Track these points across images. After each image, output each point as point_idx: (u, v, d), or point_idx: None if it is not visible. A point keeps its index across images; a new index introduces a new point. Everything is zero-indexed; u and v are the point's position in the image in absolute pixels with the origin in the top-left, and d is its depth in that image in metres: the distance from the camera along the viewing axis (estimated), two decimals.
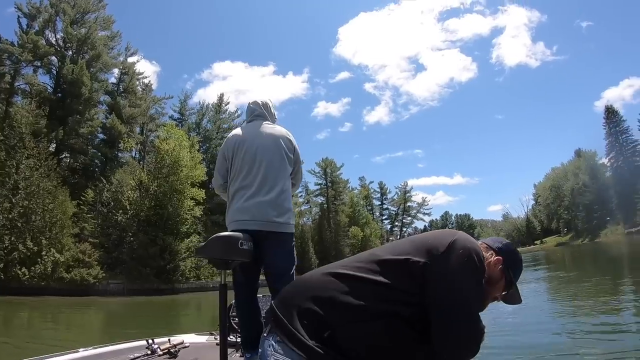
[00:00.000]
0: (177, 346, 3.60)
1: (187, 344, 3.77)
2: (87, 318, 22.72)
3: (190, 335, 4.22)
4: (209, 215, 54.37)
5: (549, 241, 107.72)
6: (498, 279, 1.89)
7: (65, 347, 3.43)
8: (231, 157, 3.56)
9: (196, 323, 18.76)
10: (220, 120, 68.93)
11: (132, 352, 3.45)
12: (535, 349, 7.67)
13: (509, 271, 1.91)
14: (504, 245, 1.97)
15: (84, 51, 52.63)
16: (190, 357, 3.52)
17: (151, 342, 3.55)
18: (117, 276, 39.47)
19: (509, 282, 1.93)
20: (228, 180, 3.63)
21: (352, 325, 1.61)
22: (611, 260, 30.37)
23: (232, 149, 3.57)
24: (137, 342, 3.74)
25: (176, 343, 3.65)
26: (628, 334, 7.85)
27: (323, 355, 1.57)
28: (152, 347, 3.48)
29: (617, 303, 11.74)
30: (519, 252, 2.02)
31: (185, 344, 3.74)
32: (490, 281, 1.85)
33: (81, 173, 50.86)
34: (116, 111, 54.38)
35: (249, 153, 3.47)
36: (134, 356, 3.33)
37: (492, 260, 1.88)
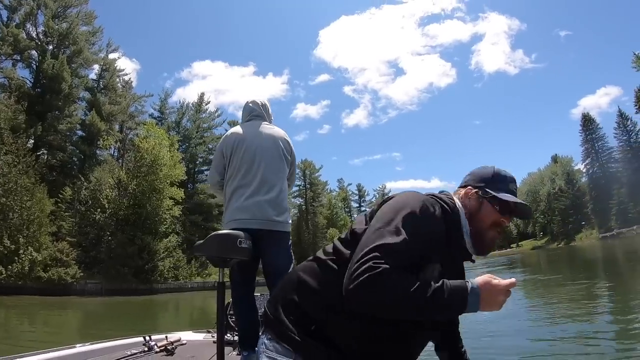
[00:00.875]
0: (174, 343, 3.61)
1: (184, 341, 3.78)
2: (64, 318, 22.36)
3: (187, 333, 4.22)
4: (188, 215, 54.15)
5: (525, 244, 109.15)
6: (477, 208, 1.78)
7: (41, 348, 3.45)
8: (230, 155, 3.58)
9: (174, 324, 18.67)
10: (200, 120, 68.30)
11: (128, 348, 3.47)
12: (510, 354, 7.87)
13: (487, 191, 1.78)
14: (469, 175, 1.90)
15: (65, 46, 51.90)
16: (187, 354, 3.51)
17: (148, 339, 3.56)
18: (95, 276, 38.97)
19: (494, 202, 1.77)
20: (225, 178, 3.64)
21: (335, 315, 1.57)
22: (586, 263, 30.88)
23: (230, 147, 3.58)
24: (134, 338, 3.74)
25: (173, 340, 3.66)
26: (602, 340, 8.02)
27: (312, 349, 1.58)
28: (149, 344, 3.49)
29: (591, 307, 11.92)
30: (490, 168, 1.88)
31: (182, 342, 3.75)
32: (474, 217, 1.77)
33: (59, 170, 49.91)
34: (96, 108, 53.53)
35: (249, 152, 3.50)
36: (130, 353, 3.34)
37: (461, 196, 1.83)
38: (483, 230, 1.77)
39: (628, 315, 9.74)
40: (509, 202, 1.75)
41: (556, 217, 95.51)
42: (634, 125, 78.28)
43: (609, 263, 28.20)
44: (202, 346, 3.78)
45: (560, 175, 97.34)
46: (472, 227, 1.78)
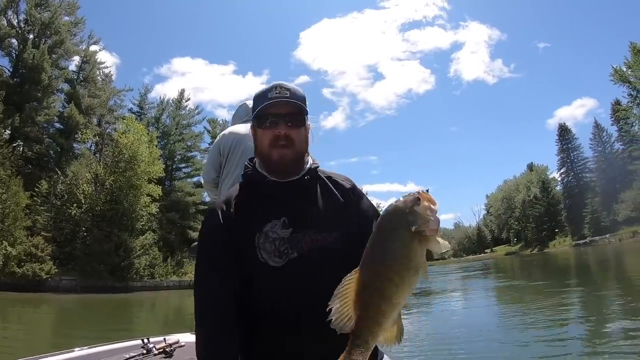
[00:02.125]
0: (172, 345, 3.58)
1: (182, 343, 3.72)
2: (38, 316, 22.10)
3: (185, 335, 4.11)
4: (164, 212, 53.62)
5: (499, 250, 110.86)
6: (255, 141, 1.87)
7: (14, 347, 3.44)
8: (227, 154, 3.58)
9: (150, 325, 18.51)
10: (179, 117, 67.21)
11: (127, 351, 3.47)
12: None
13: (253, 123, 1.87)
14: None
15: (46, 36, 50.73)
16: (186, 356, 3.45)
17: (146, 341, 3.54)
18: (70, 272, 38.42)
19: (254, 125, 1.85)
20: (221, 176, 3.63)
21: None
22: (558, 270, 31.53)
23: (228, 146, 3.58)
24: (132, 341, 3.75)
25: (172, 342, 3.62)
26: (571, 345, 8.23)
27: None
28: (147, 346, 3.47)
29: (561, 312, 12.25)
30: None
31: (181, 344, 3.70)
32: (257, 150, 1.85)
33: (35, 163, 48.93)
34: (75, 100, 52.53)
35: (247, 152, 3.40)
36: (129, 355, 3.33)
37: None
38: (264, 152, 1.78)
39: (598, 322, 10.05)
40: (254, 111, 1.81)
41: (530, 224, 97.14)
42: (610, 136, 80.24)
43: (582, 270, 28.81)
44: None
45: (535, 183, 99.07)
46: (260, 158, 1.83)
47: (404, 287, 1.23)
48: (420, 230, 1.21)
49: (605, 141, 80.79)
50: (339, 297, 1.22)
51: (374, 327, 1.24)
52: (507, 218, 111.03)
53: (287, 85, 1.82)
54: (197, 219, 61.06)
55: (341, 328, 1.21)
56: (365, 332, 1.24)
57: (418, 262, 1.23)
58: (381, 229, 1.27)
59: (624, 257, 33.98)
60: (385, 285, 1.21)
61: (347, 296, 1.22)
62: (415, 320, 13.22)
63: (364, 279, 1.23)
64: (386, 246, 1.24)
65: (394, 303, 1.23)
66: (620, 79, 64.68)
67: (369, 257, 1.25)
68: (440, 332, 10.69)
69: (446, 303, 18.42)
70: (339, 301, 1.22)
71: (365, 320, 1.23)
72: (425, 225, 1.21)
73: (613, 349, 7.42)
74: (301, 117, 1.81)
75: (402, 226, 1.22)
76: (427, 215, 1.21)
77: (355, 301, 1.23)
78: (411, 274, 1.22)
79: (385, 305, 1.22)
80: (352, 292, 1.23)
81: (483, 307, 15.84)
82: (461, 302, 18.37)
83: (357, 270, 1.25)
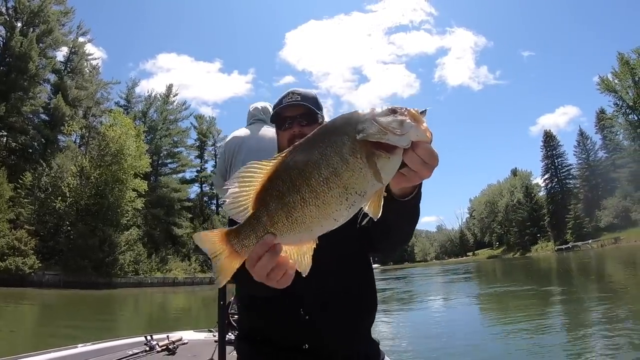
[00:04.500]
0: (175, 343, 3.64)
1: (185, 340, 3.81)
2: (20, 311, 21.78)
3: (188, 332, 4.25)
4: (149, 208, 53.13)
5: (482, 253, 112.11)
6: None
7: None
8: (231, 158, 3.61)
9: (136, 322, 18.31)
10: (167, 112, 66.74)
11: (130, 348, 3.48)
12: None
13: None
14: None
15: (34, 24, 49.93)
16: (189, 354, 3.55)
17: (150, 338, 3.57)
18: (53, 267, 37.84)
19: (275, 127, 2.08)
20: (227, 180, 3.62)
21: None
22: (540, 274, 31.86)
23: (232, 151, 3.62)
24: (136, 338, 3.76)
25: (174, 340, 3.68)
26: (550, 352, 8.29)
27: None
28: (150, 343, 3.51)
29: (543, 316, 12.43)
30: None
31: (183, 341, 3.78)
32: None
33: (19, 154, 48.25)
34: (62, 91, 51.77)
35: (249, 154, 3.50)
36: (132, 352, 3.36)
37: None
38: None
39: (578, 330, 10.11)
40: (272, 117, 2.02)
41: (513, 228, 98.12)
42: (594, 144, 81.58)
43: (564, 275, 29.12)
44: (204, 345, 3.83)
45: (519, 188, 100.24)
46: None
47: (314, 209, 0.95)
48: (368, 141, 0.93)
49: (589, 149, 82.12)
50: (240, 180, 0.99)
51: (257, 233, 0.99)
52: (490, 222, 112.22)
53: (299, 90, 2.01)
54: (182, 215, 60.77)
55: (233, 216, 1.00)
56: (249, 234, 0.99)
57: (352, 185, 0.94)
58: (320, 130, 1.02)
59: (606, 263, 34.45)
60: (292, 197, 0.96)
61: (250, 185, 0.99)
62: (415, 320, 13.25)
63: (275, 175, 0.99)
64: (313, 150, 0.97)
65: (295, 223, 0.96)
66: (607, 88, 65.69)
67: (293, 152, 1.00)
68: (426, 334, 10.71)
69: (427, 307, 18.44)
70: (239, 186, 0.99)
71: (255, 220, 0.99)
72: (381, 136, 0.92)
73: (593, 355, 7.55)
74: (313, 116, 1.97)
75: (344, 132, 0.95)
76: (394, 128, 0.93)
77: (256, 194, 0.99)
78: (333, 196, 0.94)
79: (283, 220, 0.97)
80: (258, 182, 0.99)
81: (467, 311, 15.89)
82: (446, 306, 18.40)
83: (278, 158, 1.00)
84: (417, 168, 0.98)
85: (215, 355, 2.70)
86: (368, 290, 1.89)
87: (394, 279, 34.12)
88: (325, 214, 0.95)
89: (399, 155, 0.95)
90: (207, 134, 72.84)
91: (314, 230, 0.98)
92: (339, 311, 1.74)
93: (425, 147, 0.96)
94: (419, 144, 0.95)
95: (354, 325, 1.80)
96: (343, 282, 1.74)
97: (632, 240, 58.41)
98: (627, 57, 64.39)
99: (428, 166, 0.98)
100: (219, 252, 1.02)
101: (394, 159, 0.94)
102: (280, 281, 1.04)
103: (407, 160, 0.97)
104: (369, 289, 1.89)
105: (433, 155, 0.97)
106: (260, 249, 0.99)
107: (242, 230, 1.00)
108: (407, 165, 0.98)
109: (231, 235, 1.01)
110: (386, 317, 13.68)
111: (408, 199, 1.32)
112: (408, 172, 1.01)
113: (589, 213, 76.61)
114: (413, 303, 19.71)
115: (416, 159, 0.96)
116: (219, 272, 1.04)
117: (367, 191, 0.95)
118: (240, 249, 1.01)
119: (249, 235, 0.99)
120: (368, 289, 1.89)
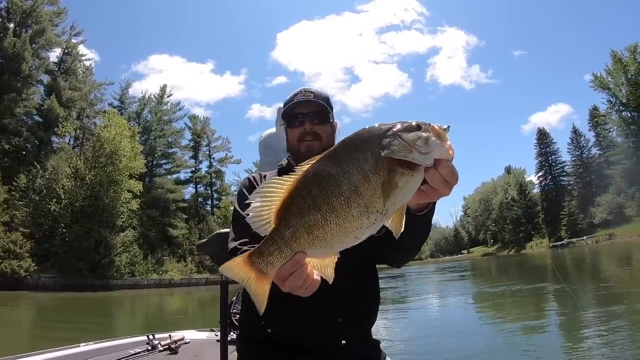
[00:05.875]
0: (177, 342, 3.62)
1: (187, 340, 3.80)
2: (15, 314, 21.67)
3: (190, 332, 4.23)
4: (145, 209, 52.95)
5: (476, 251, 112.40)
6: (287, 139, 2.05)
7: None
8: (263, 156, 3.61)
9: (130, 326, 18.21)
10: (161, 112, 66.44)
11: (132, 347, 3.47)
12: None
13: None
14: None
15: (27, 24, 49.69)
16: (191, 353, 3.54)
17: (152, 337, 3.55)
18: (48, 269, 37.66)
19: (285, 125, 2.02)
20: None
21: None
22: (535, 271, 31.91)
23: (262, 152, 3.63)
24: (137, 337, 3.74)
25: (177, 339, 3.66)
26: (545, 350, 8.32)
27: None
28: (152, 342, 3.49)
29: (542, 314, 12.47)
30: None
31: (186, 340, 3.77)
32: (289, 146, 2.03)
33: (13, 156, 47.87)
34: (56, 92, 51.37)
35: (276, 156, 3.33)
36: (134, 351, 3.34)
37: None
38: (294, 148, 1.97)
39: (574, 327, 10.08)
40: (283, 113, 1.99)
41: (508, 225, 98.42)
42: (587, 141, 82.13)
43: (559, 271, 29.19)
44: (206, 345, 3.83)
45: (513, 185, 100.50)
46: (291, 153, 2.01)
47: (334, 228, 0.95)
48: (392, 159, 0.92)
49: (582, 146, 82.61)
50: (262, 195, 0.99)
51: (281, 250, 0.99)
52: (484, 219, 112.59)
53: (311, 88, 1.99)
54: (177, 216, 60.57)
55: (256, 229, 1.00)
56: (273, 251, 1.00)
57: (373, 203, 0.93)
58: (342, 144, 1.00)
59: (601, 259, 34.61)
60: (313, 215, 0.95)
61: (273, 199, 0.98)
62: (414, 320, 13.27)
63: (295, 192, 0.97)
64: (334, 165, 0.95)
65: (316, 239, 0.97)
66: (601, 86, 66.07)
67: (314, 167, 0.98)
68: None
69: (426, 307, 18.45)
70: (261, 200, 0.99)
71: (278, 236, 0.99)
72: (406, 154, 0.92)
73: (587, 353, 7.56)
74: (325, 115, 1.97)
75: (368, 148, 0.94)
76: (419, 146, 0.92)
77: (278, 210, 0.98)
78: (355, 215, 0.93)
79: (305, 236, 0.97)
80: (280, 196, 0.98)
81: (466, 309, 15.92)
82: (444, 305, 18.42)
83: (298, 173, 0.98)
84: (438, 186, 0.98)
85: (217, 354, 2.70)
86: (372, 295, 1.92)
87: (390, 277, 33.99)
88: (346, 232, 0.95)
89: (421, 174, 0.95)
90: (201, 135, 72.45)
91: (335, 247, 0.99)
92: (343, 313, 1.75)
93: (448, 165, 0.96)
94: (442, 162, 0.95)
95: (357, 327, 1.83)
96: (349, 285, 1.70)
97: (627, 236, 58.69)
98: (620, 55, 64.90)
99: (448, 184, 0.98)
100: (247, 277, 1.03)
101: (417, 177, 0.94)
102: (308, 289, 1.06)
103: (429, 178, 0.97)
104: (373, 294, 1.92)
105: (454, 174, 0.97)
106: (291, 267, 1.00)
107: (265, 249, 1.00)
108: (428, 182, 0.98)
109: (254, 256, 1.02)
110: (385, 317, 13.67)
111: (422, 214, 1.33)
112: (428, 189, 1.01)
113: (583, 210, 77.19)
114: (412, 302, 19.65)
115: (438, 177, 0.96)
116: (254, 299, 1.05)
117: (389, 210, 0.94)
118: (266, 267, 1.01)
119: (273, 252, 1.00)
120: (372, 294, 1.92)
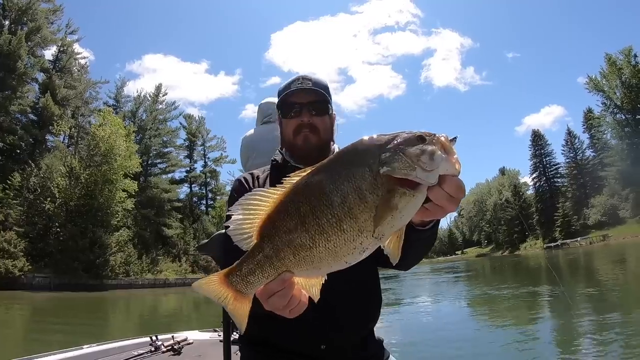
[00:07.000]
0: (180, 343, 3.62)
1: (190, 340, 3.79)
2: (10, 315, 21.56)
3: (193, 332, 4.23)
4: (139, 209, 52.77)
5: (470, 252, 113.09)
6: (281, 131, 1.94)
7: None
8: (245, 162, 3.59)
9: (126, 326, 18.16)
10: (156, 112, 66.20)
11: (135, 348, 3.48)
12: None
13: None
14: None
15: (23, 22, 49.47)
16: (194, 354, 3.54)
17: (155, 338, 3.57)
18: (43, 269, 37.39)
19: (280, 116, 1.92)
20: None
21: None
22: (530, 272, 32.08)
23: (246, 155, 3.61)
24: (141, 338, 3.75)
25: (180, 340, 3.67)
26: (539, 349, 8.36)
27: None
28: (155, 343, 3.50)
29: (532, 314, 12.55)
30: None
31: (189, 341, 3.76)
32: (283, 139, 1.93)
33: (7, 155, 47.74)
34: (51, 91, 51.20)
35: (261, 156, 3.39)
36: (137, 353, 3.35)
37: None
38: (290, 140, 1.85)
39: (568, 325, 10.17)
40: (278, 102, 1.87)
41: (502, 226, 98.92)
42: (581, 143, 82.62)
43: (553, 272, 29.30)
44: (209, 345, 3.82)
45: (507, 186, 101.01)
46: (286, 147, 1.91)
47: (323, 251, 0.88)
48: (392, 176, 0.83)
49: (577, 148, 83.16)
50: (244, 207, 0.92)
51: (264, 269, 0.93)
52: (478, 220, 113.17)
53: (310, 75, 1.87)
54: (172, 216, 60.42)
55: (237, 243, 0.94)
56: (254, 270, 0.93)
57: (368, 228, 0.84)
58: (337, 157, 0.93)
59: (595, 260, 34.86)
60: (300, 235, 0.88)
61: (256, 212, 0.91)
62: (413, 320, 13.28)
63: (282, 207, 0.90)
64: (327, 182, 0.87)
65: (302, 261, 0.90)
66: (595, 88, 66.52)
67: (304, 181, 0.90)
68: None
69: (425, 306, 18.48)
70: (242, 212, 0.92)
71: (260, 254, 0.92)
72: (409, 172, 0.83)
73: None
74: (325, 106, 1.86)
75: (365, 163, 0.85)
76: (423, 162, 0.83)
77: (261, 225, 0.91)
78: (346, 240, 0.86)
79: (290, 257, 0.90)
80: (264, 209, 0.91)
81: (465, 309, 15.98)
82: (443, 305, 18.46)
83: (287, 186, 0.91)
84: (443, 204, 0.89)
85: (220, 355, 2.69)
86: (374, 297, 1.87)
87: (384, 278, 33.95)
88: (336, 256, 0.88)
89: (424, 193, 0.86)
90: (196, 134, 72.22)
91: (323, 270, 0.92)
92: (345, 315, 1.71)
93: (455, 181, 0.87)
94: (447, 178, 0.86)
95: (359, 329, 1.79)
96: (351, 288, 1.68)
97: (620, 237, 59.29)
98: (615, 58, 65.39)
99: (454, 200, 0.89)
100: (224, 297, 0.97)
101: (419, 197, 0.85)
102: (293, 311, 1.00)
103: (433, 196, 0.87)
104: (375, 296, 1.88)
105: (461, 188, 0.88)
106: (275, 286, 0.94)
107: (245, 267, 0.94)
108: (432, 200, 0.88)
109: (231, 274, 0.96)
110: (384, 317, 13.69)
111: (427, 228, 1.24)
112: (432, 207, 0.91)
113: (577, 211, 77.86)
114: (411, 302, 19.70)
115: (443, 194, 0.87)
116: (233, 318, 1.00)
117: (384, 234, 0.86)
118: (245, 287, 0.95)
119: (254, 272, 0.94)
120: (374, 296, 1.87)
